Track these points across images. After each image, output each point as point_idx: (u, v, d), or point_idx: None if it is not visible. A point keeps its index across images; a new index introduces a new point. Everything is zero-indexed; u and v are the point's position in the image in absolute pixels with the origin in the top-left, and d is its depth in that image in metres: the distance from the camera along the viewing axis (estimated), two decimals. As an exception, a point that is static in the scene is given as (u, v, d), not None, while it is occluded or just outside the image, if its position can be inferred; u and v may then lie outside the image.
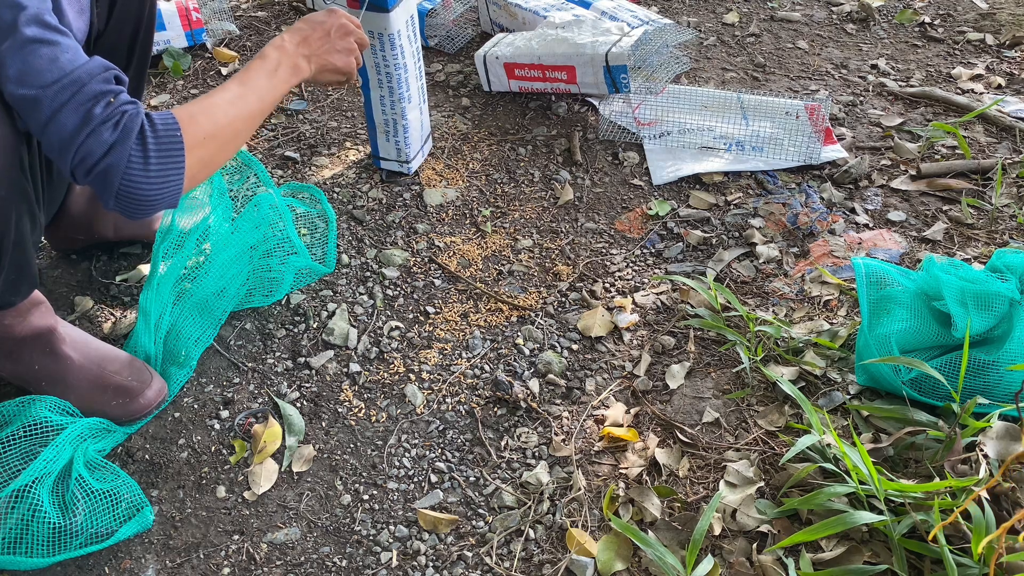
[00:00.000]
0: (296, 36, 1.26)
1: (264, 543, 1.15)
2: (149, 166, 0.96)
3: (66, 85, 0.92)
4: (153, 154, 0.96)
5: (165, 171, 0.97)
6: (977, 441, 1.09)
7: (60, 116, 0.92)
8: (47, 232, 1.54)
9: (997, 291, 1.17)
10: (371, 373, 1.38)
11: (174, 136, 0.98)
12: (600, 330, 1.43)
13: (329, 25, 1.30)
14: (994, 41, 2.26)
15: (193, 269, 1.37)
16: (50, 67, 0.91)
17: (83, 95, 0.92)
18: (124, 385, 1.25)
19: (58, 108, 0.91)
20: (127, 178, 0.95)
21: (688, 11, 2.45)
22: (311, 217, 1.60)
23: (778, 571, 1.04)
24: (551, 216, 1.69)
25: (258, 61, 1.18)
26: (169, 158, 0.98)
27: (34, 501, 1.09)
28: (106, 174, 0.94)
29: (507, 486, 1.21)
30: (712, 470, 1.20)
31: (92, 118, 0.92)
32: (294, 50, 1.23)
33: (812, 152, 1.78)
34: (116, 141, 0.93)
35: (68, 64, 0.92)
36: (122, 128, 0.94)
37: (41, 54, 0.91)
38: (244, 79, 1.14)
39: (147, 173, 0.96)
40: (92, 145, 0.92)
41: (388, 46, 1.55)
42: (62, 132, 0.92)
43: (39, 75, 0.91)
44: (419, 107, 1.71)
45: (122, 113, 0.94)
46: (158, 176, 0.97)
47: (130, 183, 0.95)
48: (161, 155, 0.97)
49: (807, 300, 1.47)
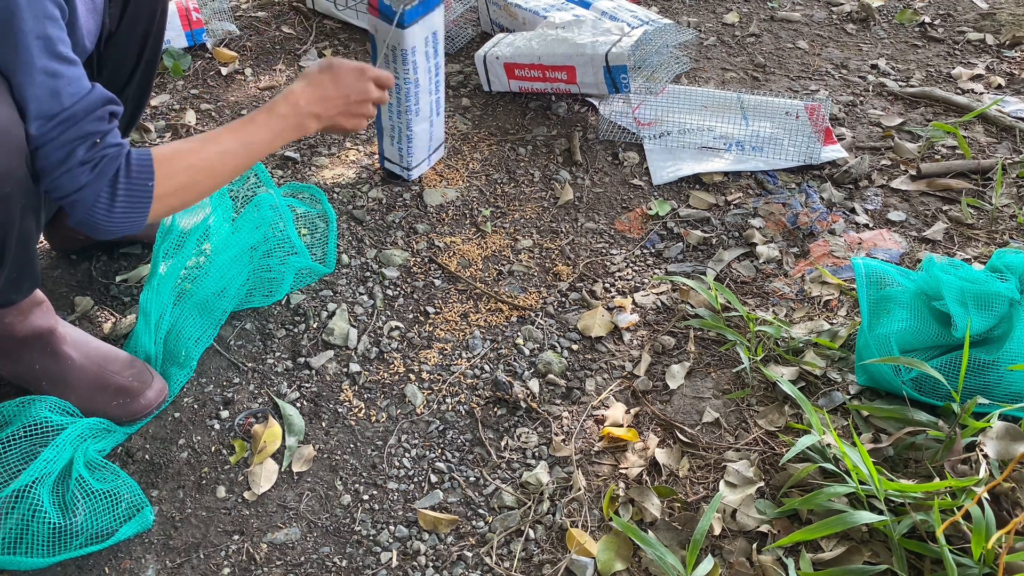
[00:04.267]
0: (314, 93, 1.23)
1: (264, 543, 1.15)
2: (113, 208, 1.01)
3: (60, 121, 0.95)
4: (121, 198, 1.01)
5: (128, 213, 1.02)
6: (977, 441, 1.09)
7: (46, 148, 0.96)
8: (47, 232, 1.54)
9: (997, 291, 1.18)
10: (371, 373, 1.38)
11: (145, 185, 1.02)
12: (600, 330, 1.43)
13: (351, 92, 1.28)
14: (994, 41, 2.26)
15: (193, 269, 1.37)
16: (50, 101, 0.94)
17: (71, 133, 0.96)
18: (125, 385, 1.25)
19: (46, 141, 0.95)
20: (91, 213, 1.00)
21: (688, 11, 2.45)
22: (311, 217, 1.60)
23: (778, 571, 1.04)
24: (551, 216, 1.69)
25: (265, 114, 1.18)
26: (135, 202, 1.02)
27: (34, 501, 1.09)
28: (72, 205, 1.00)
29: (507, 486, 1.21)
30: (712, 470, 1.20)
31: (72, 158, 0.97)
32: (306, 108, 1.22)
33: (812, 152, 1.78)
34: (88, 183, 0.98)
35: (68, 99, 0.95)
36: (98, 172, 0.98)
37: (45, 86, 0.94)
38: (245, 133, 1.15)
39: (110, 213, 1.01)
40: (65, 182, 0.97)
41: (400, 61, 1.55)
42: (44, 162, 0.97)
43: (38, 106, 0.94)
44: (429, 120, 1.69)
45: (102, 157, 0.98)
46: (121, 216, 1.02)
47: (92, 218, 1.01)
48: (129, 199, 1.01)
49: (807, 300, 1.47)
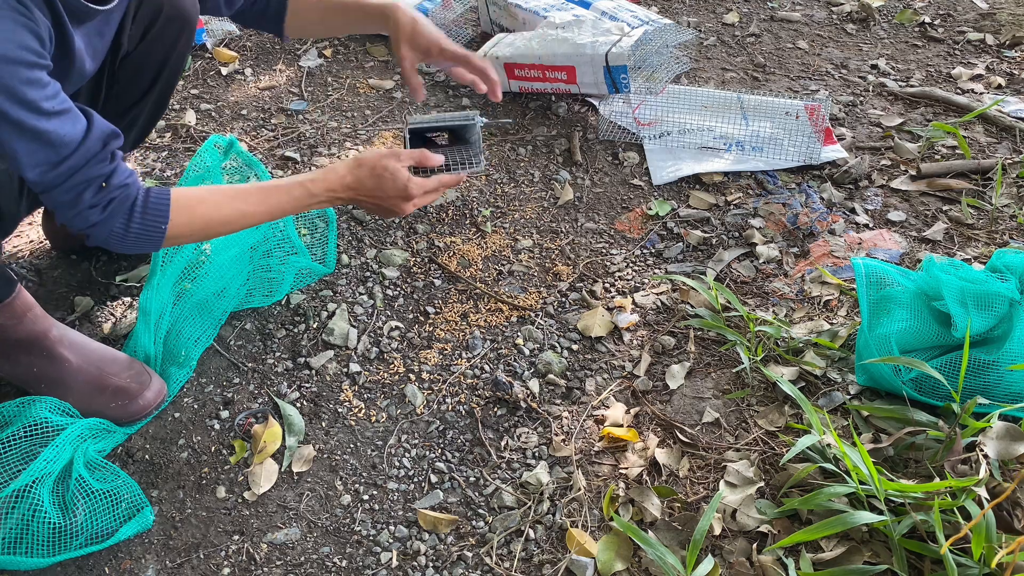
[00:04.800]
0: (351, 186, 1.23)
1: (264, 543, 1.15)
2: (126, 239, 1.05)
3: (60, 173, 0.97)
4: (134, 232, 1.05)
5: (139, 244, 1.07)
6: (977, 441, 1.09)
7: (53, 193, 0.99)
8: (47, 232, 1.54)
9: (997, 291, 1.17)
10: (371, 373, 1.38)
11: (159, 227, 1.07)
12: (600, 330, 1.43)
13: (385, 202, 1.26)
14: (994, 41, 2.26)
15: (193, 269, 1.37)
16: (46, 153, 0.95)
17: (75, 179, 0.98)
18: (123, 387, 1.25)
19: (52, 186, 0.98)
20: (105, 242, 1.06)
21: (688, 11, 2.45)
22: (311, 217, 1.60)
23: (778, 571, 1.04)
24: (551, 216, 1.69)
25: (299, 189, 1.19)
26: (146, 237, 1.07)
27: (34, 501, 1.09)
28: (87, 233, 1.04)
29: (507, 486, 1.21)
30: (712, 470, 1.20)
31: (81, 202, 1.00)
32: (338, 194, 1.24)
33: (812, 152, 1.78)
34: (100, 222, 1.02)
35: (64, 148, 0.96)
36: (109, 212, 1.02)
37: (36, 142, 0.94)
38: (273, 201, 1.18)
39: (123, 243, 1.06)
40: (78, 222, 1.02)
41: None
42: (53, 203, 1.01)
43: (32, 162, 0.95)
44: None
45: (110, 200, 1.02)
46: (132, 246, 1.07)
47: (107, 244, 1.06)
48: (140, 234, 1.06)
49: (807, 300, 1.47)
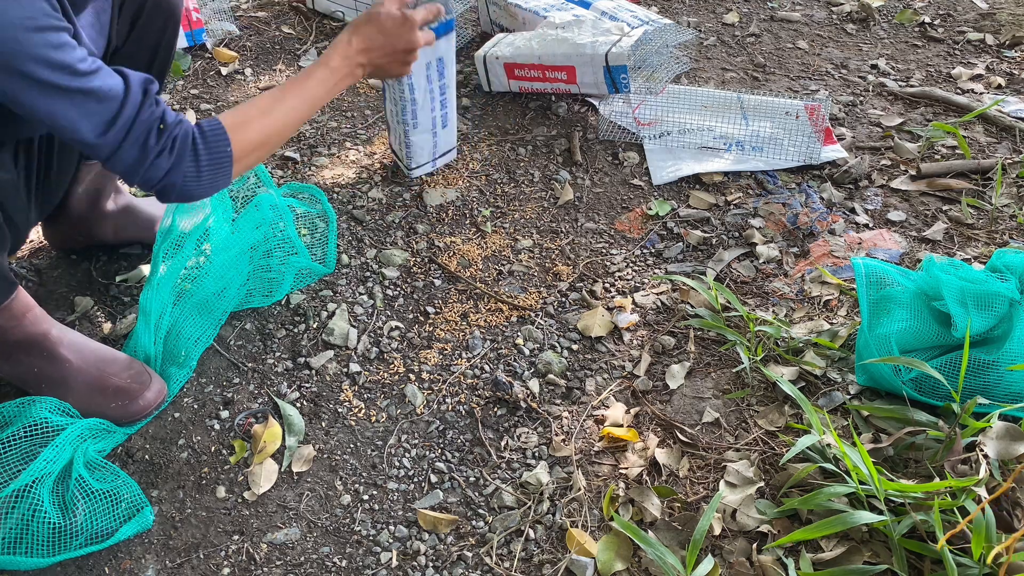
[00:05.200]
0: (361, 43, 1.28)
1: (264, 543, 1.15)
2: (201, 178, 1.08)
3: (120, 127, 0.99)
4: (205, 167, 1.08)
5: (214, 178, 1.10)
6: (977, 441, 1.09)
7: (120, 154, 1.01)
8: (47, 232, 1.54)
9: (997, 291, 1.17)
10: (371, 373, 1.38)
11: (224, 151, 1.09)
12: (600, 330, 1.43)
13: (397, 42, 1.32)
14: (994, 41, 2.26)
15: (193, 269, 1.37)
16: (99, 112, 0.97)
17: (137, 130, 1.01)
18: (123, 387, 1.25)
19: (117, 147, 1.00)
20: (183, 189, 1.07)
21: (688, 11, 2.45)
22: (311, 217, 1.60)
23: (778, 571, 1.04)
24: (551, 216, 1.69)
25: (321, 69, 1.24)
26: (218, 168, 1.10)
27: (34, 501, 1.09)
28: (165, 189, 1.07)
29: (507, 486, 1.21)
30: (712, 470, 1.20)
31: (149, 151, 1.02)
32: (355, 58, 1.28)
33: (812, 152, 1.78)
34: (172, 166, 1.05)
35: (114, 104, 0.98)
36: (176, 153, 1.04)
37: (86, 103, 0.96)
38: (306, 90, 1.21)
39: (199, 183, 1.08)
40: (152, 173, 1.04)
41: (396, 82, 1.57)
42: (124, 165, 1.02)
43: (90, 123, 0.97)
44: (430, 131, 1.69)
45: (174, 139, 1.04)
46: (209, 183, 1.10)
47: (186, 191, 1.08)
48: (211, 166, 1.09)
49: (807, 300, 1.47)
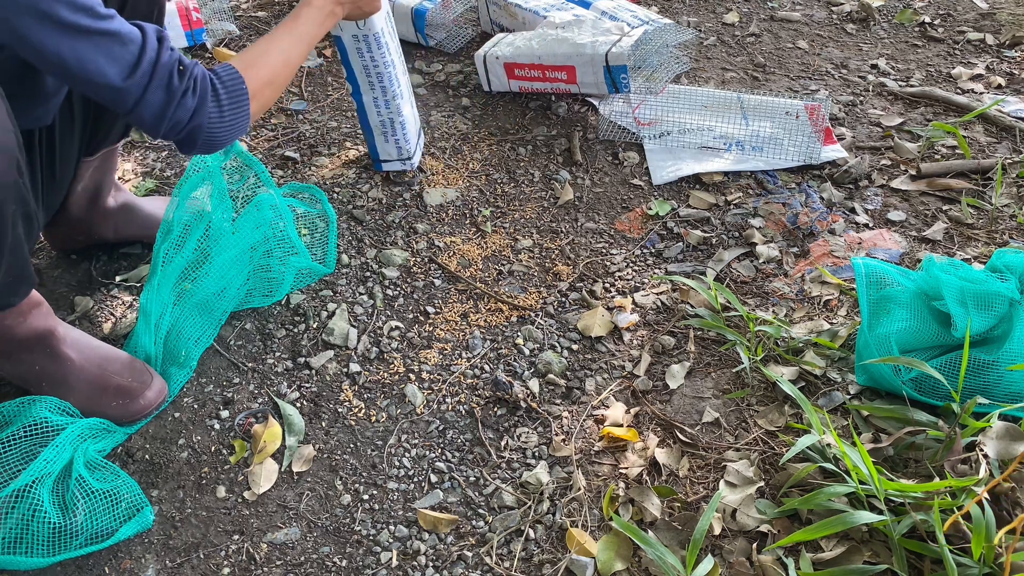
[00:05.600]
0: None
1: (264, 543, 1.15)
2: (224, 117, 1.12)
3: (144, 70, 1.02)
4: (227, 106, 1.12)
5: (236, 118, 1.14)
6: (977, 441, 1.09)
7: (147, 97, 1.04)
8: (47, 232, 1.54)
9: (997, 291, 1.17)
10: (371, 373, 1.38)
11: (240, 88, 1.14)
12: (600, 330, 1.43)
13: None
14: (994, 41, 2.26)
15: (193, 269, 1.37)
16: (123, 55, 1.00)
17: (160, 73, 1.04)
18: (124, 386, 1.25)
19: (143, 91, 1.03)
20: (209, 131, 1.11)
21: (688, 11, 2.45)
22: (311, 217, 1.60)
23: (778, 571, 1.04)
24: (551, 216, 1.69)
25: (306, 9, 1.30)
26: (239, 107, 1.14)
27: (34, 501, 1.09)
28: (192, 132, 1.10)
29: (507, 486, 1.21)
30: (712, 470, 1.20)
31: (175, 92, 1.05)
32: None
33: (812, 152, 1.78)
34: (198, 106, 1.08)
35: (135, 47, 1.01)
36: (200, 93, 1.08)
37: (111, 46, 0.99)
38: (294, 28, 1.27)
39: (223, 123, 1.12)
40: (180, 114, 1.07)
41: (375, 46, 1.55)
42: (152, 109, 1.05)
43: (116, 67, 1.00)
44: (410, 101, 1.73)
45: (195, 80, 1.08)
46: (231, 122, 1.13)
47: (211, 134, 1.12)
48: (232, 105, 1.13)
49: (807, 300, 1.47)
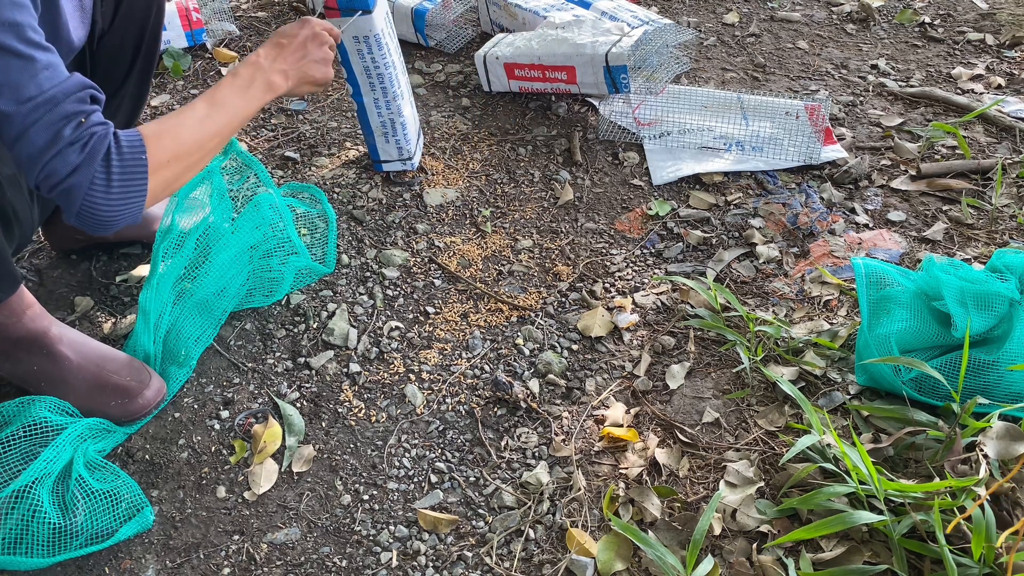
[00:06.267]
0: (271, 51, 1.24)
1: (264, 543, 1.15)
2: (111, 189, 0.97)
3: (40, 103, 0.92)
4: (116, 177, 0.97)
5: (127, 193, 0.99)
6: (977, 441, 1.09)
7: (30, 133, 0.93)
8: (47, 232, 1.54)
9: (997, 291, 1.17)
10: (371, 373, 1.38)
11: (139, 160, 1.00)
12: (600, 330, 1.43)
13: (304, 37, 1.27)
14: (994, 41, 2.26)
15: (193, 269, 1.37)
16: (27, 83, 0.91)
17: (55, 114, 0.93)
18: (123, 385, 1.25)
19: (29, 125, 0.92)
20: (88, 199, 0.96)
21: (688, 11, 2.45)
22: (311, 217, 1.60)
23: (778, 571, 1.04)
24: (551, 216, 1.69)
25: (229, 78, 1.18)
26: (132, 181, 0.99)
27: (34, 501, 1.09)
28: (68, 193, 0.96)
29: (507, 486, 1.21)
30: (712, 470, 1.20)
31: (60, 139, 0.93)
32: (269, 66, 1.22)
33: (812, 152, 1.78)
34: (81, 163, 0.95)
35: (46, 82, 0.93)
36: (89, 151, 0.95)
37: (20, 69, 0.91)
38: (214, 98, 1.14)
39: (108, 195, 0.97)
40: (57, 165, 0.94)
41: (376, 47, 1.55)
42: (31, 149, 0.94)
43: (15, 90, 0.91)
44: (410, 102, 1.73)
45: (91, 136, 0.96)
46: (119, 197, 0.98)
47: (92, 204, 0.97)
48: (124, 178, 0.98)
49: (807, 300, 1.47)
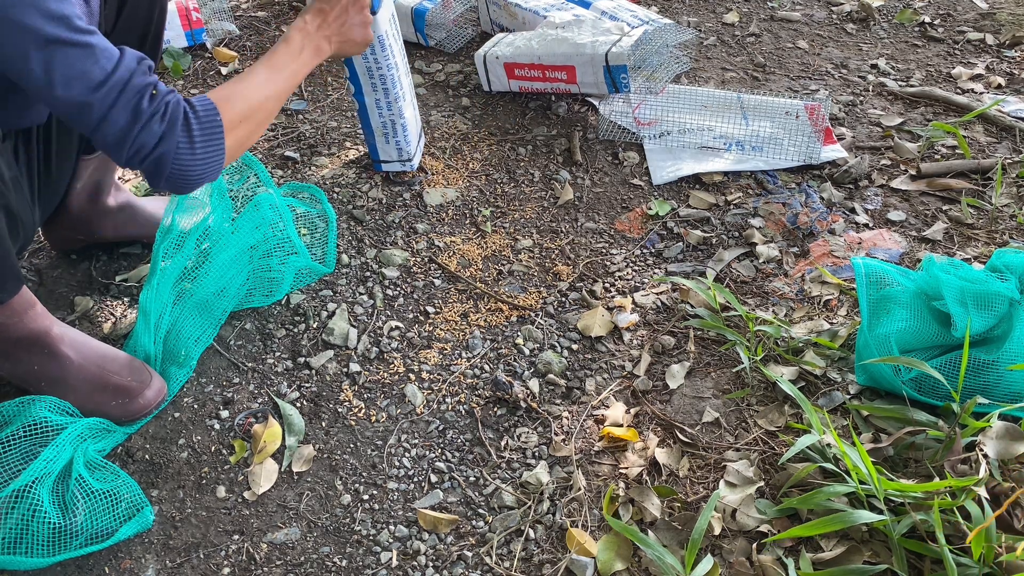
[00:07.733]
0: (316, 18, 1.31)
1: (264, 543, 1.15)
2: (195, 150, 1.05)
3: (112, 86, 0.98)
4: (198, 138, 1.05)
5: (208, 153, 1.07)
6: (977, 441, 1.09)
7: (112, 115, 0.99)
8: (47, 232, 1.54)
9: (997, 291, 1.17)
10: (371, 373, 1.38)
11: (214, 120, 1.07)
12: (600, 330, 1.43)
13: (345, 1, 1.35)
14: (994, 41, 2.26)
15: (193, 269, 1.37)
16: (93, 69, 0.96)
17: (129, 92, 0.99)
18: (124, 385, 1.25)
19: (109, 108, 0.98)
20: (176, 162, 1.04)
21: (688, 11, 2.45)
22: (311, 217, 1.60)
23: (778, 571, 1.04)
24: (551, 216, 1.69)
25: (283, 45, 1.25)
26: (211, 141, 1.07)
27: (34, 501, 1.09)
28: (158, 161, 1.03)
29: (507, 486, 1.21)
30: (712, 470, 1.20)
31: (141, 113, 1.00)
32: (315, 32, 1.30)
33: (812, 152, 1.78)
34: (165, 132, 1.02)
35: (108, 63, 0.98)
36: (169, 119, 1.02)
37: (82, 58, 0.96)
38: (272, 63, 1.22)
39: (193, 156, 1.05)
40: (145, 138, 1.01)
41: (379, 48, 1.55)
42: (115, 129, 1.00)
43: (85, 79, 0.96)
44: (412, 103, 1.73)
45: (166, 104, 1.03)
46: (203, 157, 1.07)
47: (180, 167, 1.05)
48: (204, 138, 1.06)
49: (807, 300, 1.47)
